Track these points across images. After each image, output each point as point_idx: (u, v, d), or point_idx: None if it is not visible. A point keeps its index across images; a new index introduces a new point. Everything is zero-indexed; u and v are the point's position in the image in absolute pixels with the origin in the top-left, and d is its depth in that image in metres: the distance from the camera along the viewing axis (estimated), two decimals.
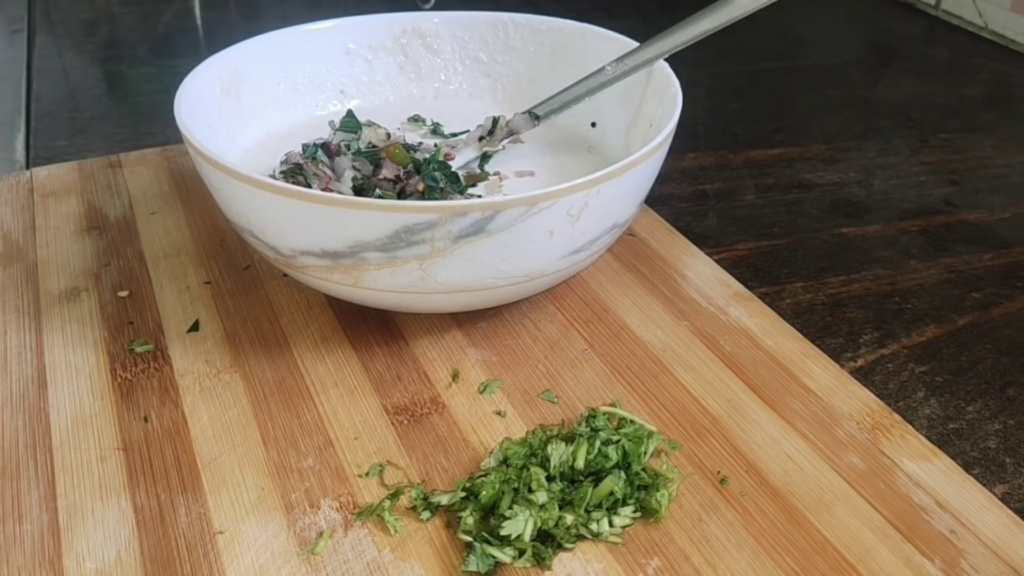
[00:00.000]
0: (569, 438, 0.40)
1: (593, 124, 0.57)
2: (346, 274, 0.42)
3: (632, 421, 0.41)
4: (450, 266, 0.40)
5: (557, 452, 0.38)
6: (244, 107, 0.54)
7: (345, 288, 0.43)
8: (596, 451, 0.38)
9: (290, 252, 0.42)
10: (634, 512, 0.37)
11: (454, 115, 0.59)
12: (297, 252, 0.42)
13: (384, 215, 0.38)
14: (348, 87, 0.59)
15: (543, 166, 0.54)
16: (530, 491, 0.37)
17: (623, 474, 0.38)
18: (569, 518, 0.36)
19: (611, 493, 0.37)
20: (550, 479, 0.38)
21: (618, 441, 0.39)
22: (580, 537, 0.36)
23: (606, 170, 0.41)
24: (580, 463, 0.38)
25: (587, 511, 0.37)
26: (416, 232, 0.39)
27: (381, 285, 0.42)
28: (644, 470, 0.39)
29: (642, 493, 0.38)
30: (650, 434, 0.40)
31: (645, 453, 0.39)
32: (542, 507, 0.36)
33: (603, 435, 0.39)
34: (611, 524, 0.37)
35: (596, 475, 0.38)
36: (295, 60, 0.57)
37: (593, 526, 0.37)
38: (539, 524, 0.36)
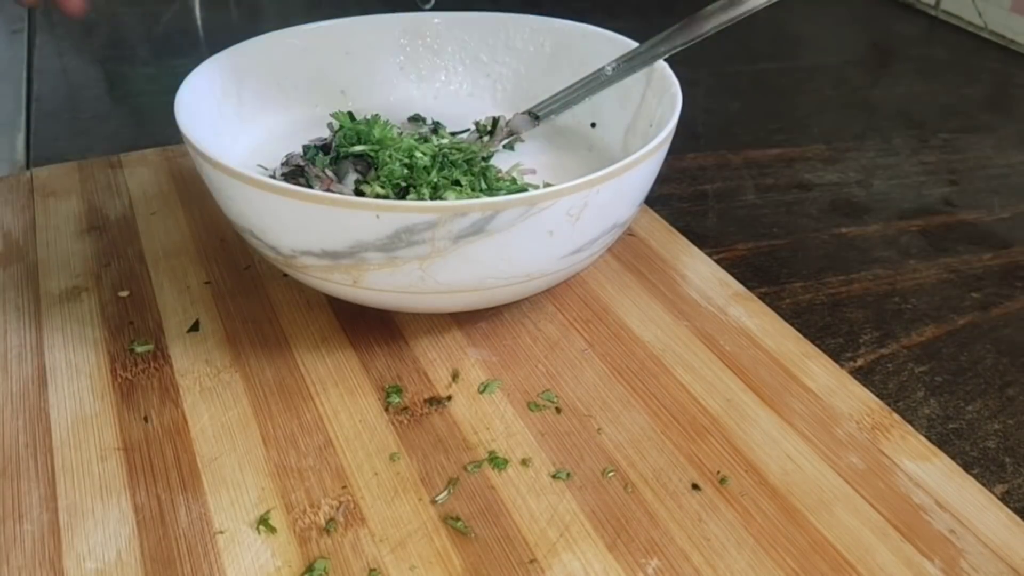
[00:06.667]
0: None
1: (593, 124, 0.57)
2: (346, 274, 0.42)
3: None
4: (450, 266, 0.40)
5: None
6: (244, 107, 0.54)
7: (345, 288, 0.43)
8: None
9: (290, 252, 0.42)
10: None
11: (454, 115, 0.59)
12: (297, 252, 0.42)
13: (383, 216, 0.38)
14: (348, 87, 0.59)
15: (543, 165, 0.54)
16: None
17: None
18: None
19: None
20: None
21: None
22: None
23: (606, 170, 0.41)
24: None
25: None
26: (416, 232, 0.39)
27: (381, 285, 0.42)
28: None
29: None
30: None
31: None
32: None
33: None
34: None
35: None
36: (295, 60, 0.57)
37: None
38: None
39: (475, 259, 0.40)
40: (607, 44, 0.55)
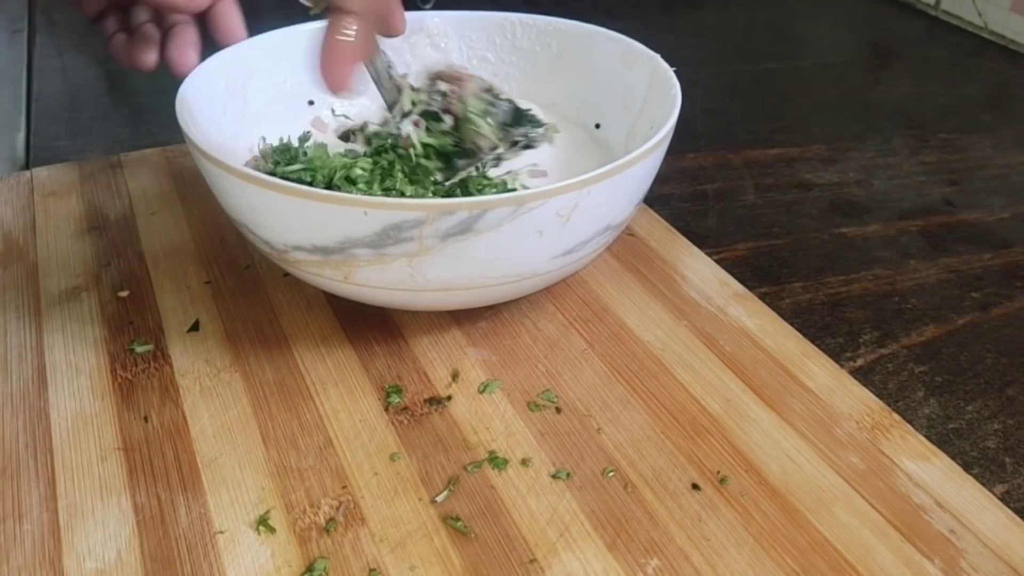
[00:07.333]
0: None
1: (597, 126, 0.57)
2: (336, 270, 0.42)
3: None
4: (439, 264, 0.40)
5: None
6: (245, 106, 0.54)
7: (336, 284, 0.43)
8: None
9: (283, 247, 0.42)
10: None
11: None
12: (289, 247, 0.42)
13: (371, 212, 0.38)
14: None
15: (556, 165, 0.54)
16: None
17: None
18: None
19: None
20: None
21: None
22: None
23: (597, 171, 0.40)
24: None
25: None
26: (404, 229, 0.39)
27: (371, 282, 0.42)
28: None
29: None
30: None
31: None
32: None
33: None
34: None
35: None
36: (296, 60, 0.57)
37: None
38: None
39: (464, 258, 0.40)
40: (612, 45, 0.55)
